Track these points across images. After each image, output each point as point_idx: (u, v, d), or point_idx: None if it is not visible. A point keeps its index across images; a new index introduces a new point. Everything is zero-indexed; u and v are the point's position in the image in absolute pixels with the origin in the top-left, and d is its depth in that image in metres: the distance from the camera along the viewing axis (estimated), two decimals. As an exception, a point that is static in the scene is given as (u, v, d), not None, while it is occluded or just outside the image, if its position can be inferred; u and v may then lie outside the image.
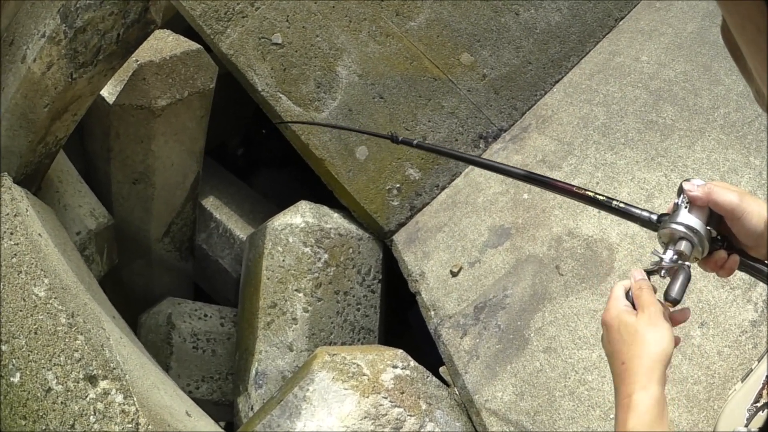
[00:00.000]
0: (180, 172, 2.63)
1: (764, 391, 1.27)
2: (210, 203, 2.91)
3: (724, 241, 1.06)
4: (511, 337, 2.19)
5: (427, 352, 2.41)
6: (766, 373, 1.31)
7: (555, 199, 2.39)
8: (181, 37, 2.61)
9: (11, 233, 1.69)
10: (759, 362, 1.55)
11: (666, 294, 1.02)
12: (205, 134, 2.68)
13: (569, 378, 2.02)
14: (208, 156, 2.93)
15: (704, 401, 1.80)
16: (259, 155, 3.60)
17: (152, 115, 2.42)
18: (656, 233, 1.10)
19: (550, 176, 2.42)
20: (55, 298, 1.63)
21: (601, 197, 1.18)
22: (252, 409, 2.40)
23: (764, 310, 1.90)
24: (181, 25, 2.78)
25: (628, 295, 1.06)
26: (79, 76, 1.92)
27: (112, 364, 1.64)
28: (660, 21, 2.82)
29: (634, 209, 1.15)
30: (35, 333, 1.60)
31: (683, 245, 1.03)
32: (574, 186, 1.23)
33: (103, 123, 2.43)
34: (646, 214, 1.12)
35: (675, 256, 1.04)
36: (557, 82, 2.81)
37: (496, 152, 2.67)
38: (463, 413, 2.17)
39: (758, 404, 1.28)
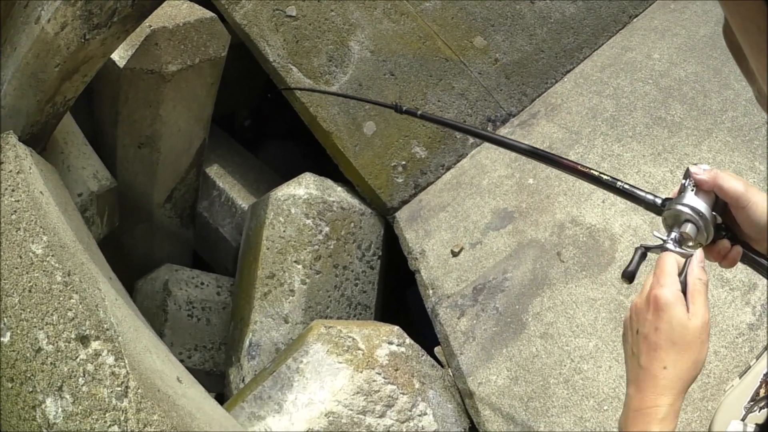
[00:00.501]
0: (186, 138, 2.58)
1: (761, 389, 1.25)
2: (214, 171, 2.86)
3: (728, 230, 1.02)
4: (508, 320, 2.14)
5: (422, 332, 2.37)
6: (764, 371, 1.29)
7: (560, 186, 2.34)
8: (195, 5, 2.55)
9: (12, 190, 1.63)
10: (758, 359, 1.52)
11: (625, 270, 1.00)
12: (214, 102, 2.62)
13: (564, 365, 1.97)
14: (216, 125, 2.87)
15: (699, 400, 1.76)
16: (266, 127, 3.55)
17: (162, 80, 2.36)
18: (661, 216, 1.05)
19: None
20: (52, 255, 1.57)
21: (605, 177, 1.13)
22: (243, 380, 2.35)
23: (762, 314, 1.86)
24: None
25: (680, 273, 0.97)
26: (92, 38, 1.87)
27: (105, 325, 1.58)
28: (674, 22, 2.77)
29: (638, 191, 1.10)
30: (29, 291, 1.54)
31: (688, 227, 0.99)
32: (579, 164, 1.18)
33: (112, 87, 2.37)
34: (650, 196, 1.08)
35: (679, 238, 1.00)
36: (568, 72, 2.76)
37: (503, 134, 2.62)
38: (456, 394, 2.12)
39: (755, 401, 1.25)
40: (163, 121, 2.45)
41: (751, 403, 1.27)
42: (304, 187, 2.51)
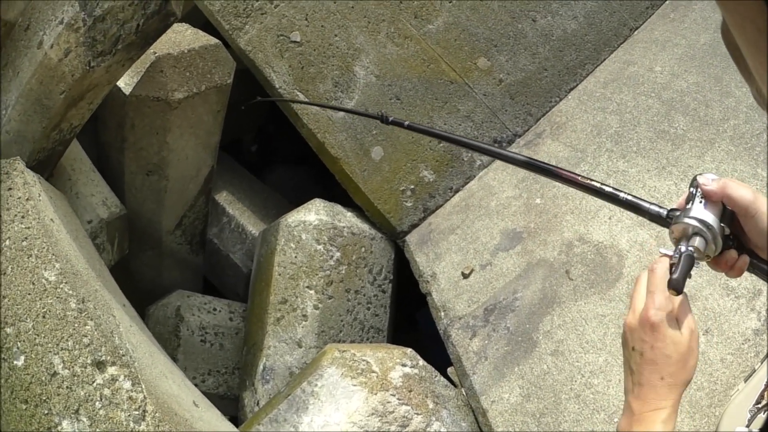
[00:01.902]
0: (194, 165, 2.64)
1: (766, 393, 1.26)
2: (223, 198, 2.93)
3: (734, 240, 1.02)
4: (519, 339, 2.20)
5: (435, 352, 2.42)
6: None
7: (567, 205, 2.40)
8: (200, 32, 2.62)
9: (23, 217, 1.68)
10: (762, 363, 1.55)
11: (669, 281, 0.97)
12: (221, 129, 2.69)
13: (575, 381, 2.03)
14: (223, 151, 2.94)
15: (706, 407, 1.82)
16: (274, 151, 3.62)
17: (168, 108, 2.43)
18: (668, 229, 1.04)
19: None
20: (65, 282, 1.63)
21: (607, 188, 1.12)
22: (258, 404, 2.40)
23: (767, 316, 1.92)
24: (199, 19, 2.79)
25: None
26: (97, 65, 1.93)
27: (121, 351, 1.64)
28: (674, 32, 2.83)
29: (642, 202, 1.09)
30: (43, 317, 1.60)
31: (697, 241, 0.98)
32: (579, 175, 1.17)
33: (118, 113, 2.43)
34: (655, 208, 1.07)
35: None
36: (572, 89, 2.82)
37: None
38: (470, 413, 2.18)
39: (760, 405, 1.27)
40: (171, 148, 2.51)
41: (756, 407, 1.29)
42: (314, 213, 2.58)
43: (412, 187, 2.69)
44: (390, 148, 2.69)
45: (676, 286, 0.94)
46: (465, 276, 2.44)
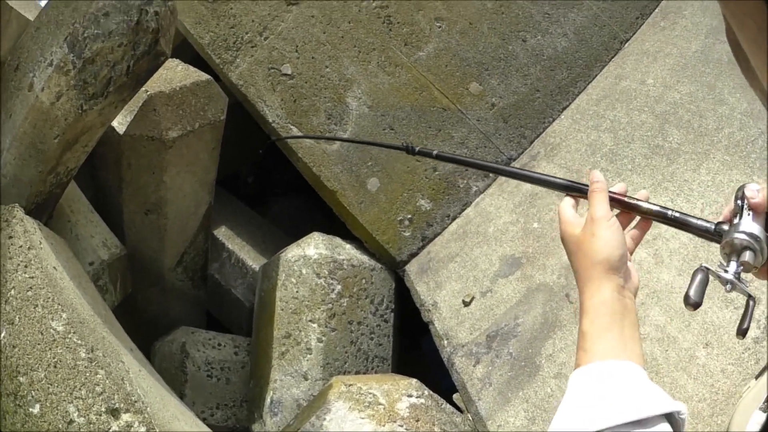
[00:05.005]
0: (192, 202, 2.76)
1: None
2: (222, 233, 3.05)
3: None
4: (522, 364, 2.30)
5: (440, 376, 2.53)
6: None
7: None
8: (191, 67, 2.71)
9: (26, 266, 1.77)
10: None
11: (685, 296, 1.00)
12: (217, 165, 2.81)
13: None
14: (219, 185, 3.05)
15: (708, 417, 1.92)
16: (270, 184, 3.73)
17: (164, 147, 2.54)
18: (719, 245, 1.05)
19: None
20: (74, 332, 1.73)
21: (655, 207, 1.11)
22: (268, 434, 2.54)
23: (767, 325, 2.00)
24: (188, 53, 2.91)
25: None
26: (89, 108, 2.00)
27: (133, 397, 1.76)
28: (665, 41, 2.91)
29: (691, 218, 1.09)
30: (54, 366, 1.69)
31: (747, 255, 1.00)
32: (624, 195, 1.14)
33: (114, 153, 2.53)
34: (702, 223, 1.08)
35: (740, 268, 1.00)
36: (565, 108, 2.91)
37: (505, 180, 2.80)
38: None
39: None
40: (168, 186, 2.62)
41: (766, 404, 1.34)
42: (313, 247, 2.70)
43: (410, 216, 2.80)
44: (386, 179, 2.80)
45: (694, 303, 1.00)
46: (466, 304, 2.55)
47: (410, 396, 2.28)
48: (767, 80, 0.55)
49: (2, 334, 1.64)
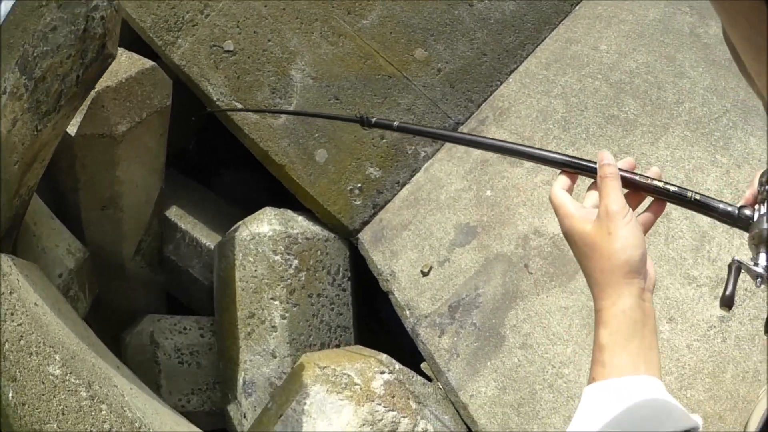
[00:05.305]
0: (145, 191, 2.74)
1: None
2: (173, 213, 3.03)
3: None
4: (487, 334, 2.36)
5: (404, 343, 2.59)
6: None
7: (518, 197, 2.54)
8: (134, 55, 2.67)
9: (12, 314, 1.76)
10: None
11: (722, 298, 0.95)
12: (165, 150, 2.78)
13: (547, 372, 2.21)
14: (166, 165, 3.03)
15: (677, 390, 2.00)
16: (216, 157, 3.69)
17: (114, 142, 2.51)
18: (748, 234, 0.97)
19: (513, 172, 2.63)
20: (70, 372, 1.74)
21: (673, 188, 1.02)
22: (245, 416, 2.60)
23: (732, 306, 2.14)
24: (127, 35, 2.83)
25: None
26: (44, 126, 1.98)
27: (136, 423, 1.81)
28: (620, 6, 2.85)
29: (713, 201, 1.00)
30: (63, 414, 1.70)
31: None
32: (637, 174, 1.04)
33: (67, 155, 2.50)
34: (725, 207, 0.99)
35: None
36: (513, 71, 2.91)
37: (453, 145, 2.83)
38: (450, 406, 2.35)
39: None
40: (121, 180, 2.60)
41: None
42: (266, 223, 2.71)
43: (359, 185, 2.82)
44: (334, 150, 2.81)
45: (728, 303, 0.95)
46: (424, 274, 2.59)
47: (383, 373, 2.37)
48: (766, 79, 0.54)
49: (10, 395, 1.64)
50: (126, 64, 2.61)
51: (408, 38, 2.88)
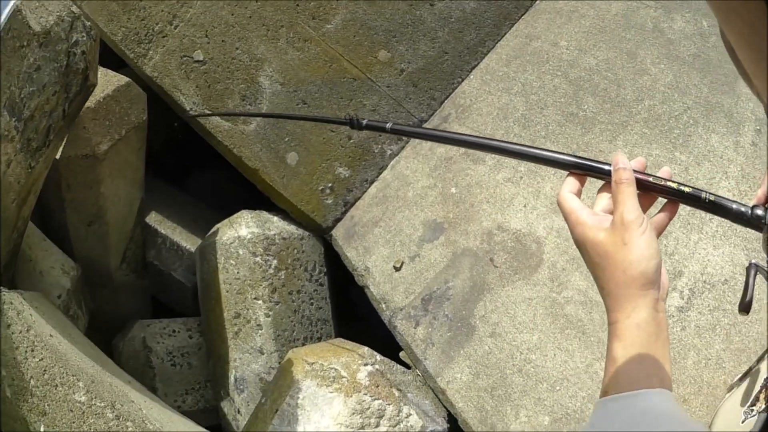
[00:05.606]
0: (127, 203, 2.84)
1: (761, 395, 1.24)
2: (153, 219, 3.14)
3: None
4: (459, 324, 2.49)
5: (381, 332, 2.72)
6: (765, 376, 1.27)
7: (482, 194, 2.64)
8: (109, 72, 2.73)
9: (32, 350, 1.84)
10: (758, 363, 1.52)
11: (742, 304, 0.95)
12: (144, 162, 2.89)
13: (516, 358, 2.36)
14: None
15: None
16: (190, 158, 3.77)
17: (97, 161, 2.59)
18: (762, 234, 0.93)
19: (477, 170, 2.80)
20: (95, 397, 1.85)
21: (687, 189, 0.97)
22: (239, 412, 2.77)
23: (690, 298, 2.19)
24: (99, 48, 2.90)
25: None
26: (36, 162, 2.05)
27: (158, 435, 1.99)
28: (581, 0, 2.88)
29: (726, 202, 0.96)
30: None
31: None
32: (650, 175, 1.00)
33: (53, 176, 2.57)
34: (738, 207, 0.95)
35: None
36: (473, 68, 2.99)
37: (418, 142, 2.92)
38: (429, 391, 2.53)
39: (754, 408, 1.26)
40: (105, 196, 2.68)
41: (750, 410, 1.27)
42: (244, 226, 2.84)
43: (330, 185, 2.93)
44: (304, 152, 2.92)
45: (747, 308, 0.95)
46: (397, 269, 2.71)
47: (366, 365, 2.57)
48: (766, 80, 0.52)
49: (41, 429, 1.79)
50: (102, 81, 2.68)
51: (371, 40, 2.99)
